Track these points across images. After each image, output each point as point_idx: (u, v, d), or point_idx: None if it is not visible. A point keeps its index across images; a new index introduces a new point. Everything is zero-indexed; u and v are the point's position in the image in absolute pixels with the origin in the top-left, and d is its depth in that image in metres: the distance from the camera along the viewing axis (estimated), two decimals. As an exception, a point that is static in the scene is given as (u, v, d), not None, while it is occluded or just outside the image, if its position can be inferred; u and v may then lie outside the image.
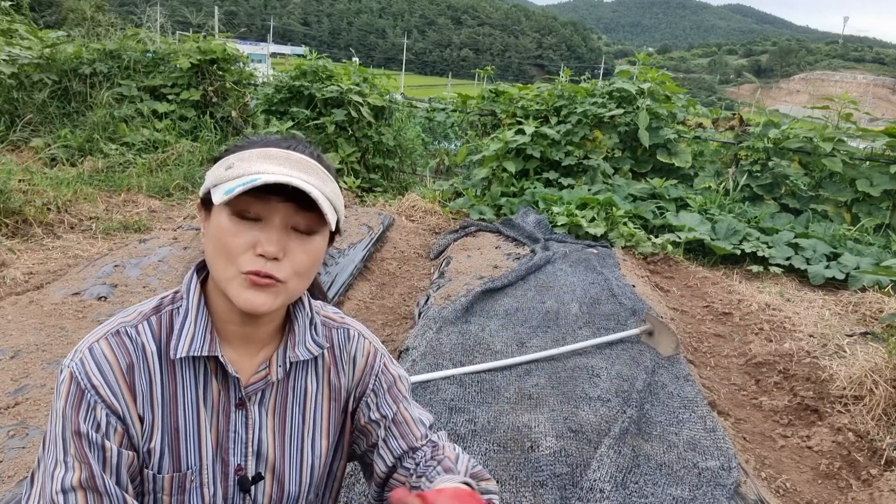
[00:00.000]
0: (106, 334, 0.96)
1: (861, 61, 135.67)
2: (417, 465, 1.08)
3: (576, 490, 2.04)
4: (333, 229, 0.94)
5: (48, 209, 4.87)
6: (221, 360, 0.97)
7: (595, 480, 2.04)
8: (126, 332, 0.96)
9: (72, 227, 4.84)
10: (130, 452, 0.94)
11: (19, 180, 5.01)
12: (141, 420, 0.95)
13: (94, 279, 3.72)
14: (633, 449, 2.27)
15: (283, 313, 1.04)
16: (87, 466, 0.89)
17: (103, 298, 3.48)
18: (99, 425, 0.91)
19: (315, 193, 0.88)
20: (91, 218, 5.03)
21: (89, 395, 0.91)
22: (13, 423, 2.31)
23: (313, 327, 1.06)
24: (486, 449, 2.24)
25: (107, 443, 0.91)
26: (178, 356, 0.95)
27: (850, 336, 3.75)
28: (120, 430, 0.93)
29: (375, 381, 1.12)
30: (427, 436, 1.12)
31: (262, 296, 0.91)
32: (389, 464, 1.09)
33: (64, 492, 0.88)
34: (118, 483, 0.92)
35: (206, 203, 0.95)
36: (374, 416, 1.11)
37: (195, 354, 0.95)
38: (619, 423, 2.39)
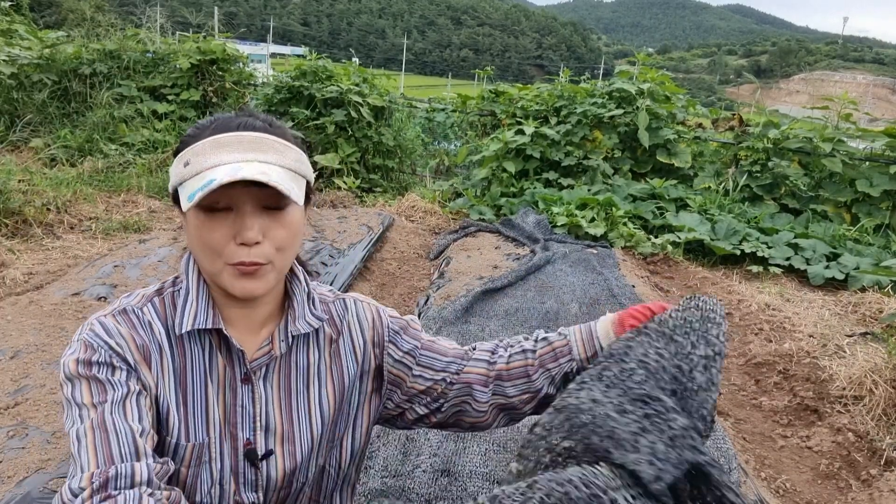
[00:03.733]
0: (112, 312, 0.97)
1: (861, 62, 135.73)
2: (494, 351, 1.15)
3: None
4: (302, 201, 0.94)
5: (48, 209, 4.87)
6: (225, 332, 0.98)
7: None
8: (133, 310, 0.98)
9: (71, 228, 4.84)
10: (149, 397, 0.94)
11: (19, 180, 5.01)
12: (156, 386, 0.96)
13: (93, 279, 3.72)
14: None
15: (280, 291, 1.05)
16: (100, 407, 0.88)
17: (103, 299, 3.48)
18: (114, 370, 0.91)
19: (272, 178, 0.87)
20: (91, 218, 5.03)
21: (101, 350, 0.92)
22: (13, 423, 2.31)
23: (311, 301, 1.07)
24: (486, 449, 2.24)
25: (129, 383, 0.91)
26: (183, 330, 0.96)
27: (850, 336, 3.75)
28: (137, 379, 0.93)
29: (388, 330, 1.14)
30: (466, 348, 1.18)
31: (255, 281, 0.94)
32: (448, 379, 1.13)
33: (78, 440, 0.87)
34: (140, 418, 0.89)
35: (178, 200, 0.96)
36: (399, 355, 1.13)
37: (200, 327, 0.96)
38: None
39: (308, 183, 1.00)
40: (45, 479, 1.98)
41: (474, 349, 1.17)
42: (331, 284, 3.97)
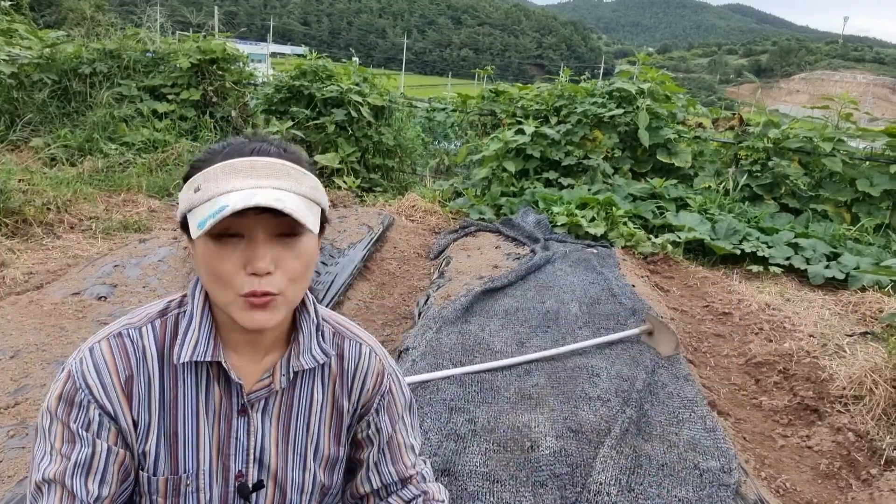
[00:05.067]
0: (108, 335, 0.96)
1: (861, 61, 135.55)
2: (408, 502, 1.14)
3: (582, 493, 2.04)
4: (317, 230, 0.91)
5: (48, 209, 4.87)
6: (224, 365, 0.96)
7: (601, 483, 2.04)
8: (129, 333, 0.96)
9: (72, 227, 4.84)
10: (122, 451, 0.94)
11: (19, 180, 5.01)
12: (135, 423, 0.95)
13: (93, 279, 3.72)
14: (633, 449, 2.27)
15: (288, 320, 1.02)
16: (66, 461, 0.89)
17: (103, 298, 3.48)
18: (90, 424, 0.91)
19: (288, 205, 0.84)
20: (91, 218, 5.03)
21: (82, 393, 0.91)
22: (13, 422, 2.31)
23: (320, 334, 1.04)
24: (486, 449, 2.24)
25: (97, 441, 0.91)
26: (181, 361, 0.94)
27: (850, 336, 3.74)
28: (113, 429, 0.93)
29: (380, 400, 1.12)
30: (415, 465, 1.16)
31: (265, 314, 0.90)
32: (375, 487, 1.13)
33: (46, 482, 0.88)
34: (102, 481, 0.91)
35: (186, 226, 0.92)
36: (370, 432, 1.12)
37: (198, 360, 0.95)
38: (619, 424, 2.39)
39: (323, 211, 0.96)
40: (45, 478, 1.98)
41: (400, 489, 1.16)
42: (331, 284, 3.97)
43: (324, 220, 0.98)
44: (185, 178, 0.93)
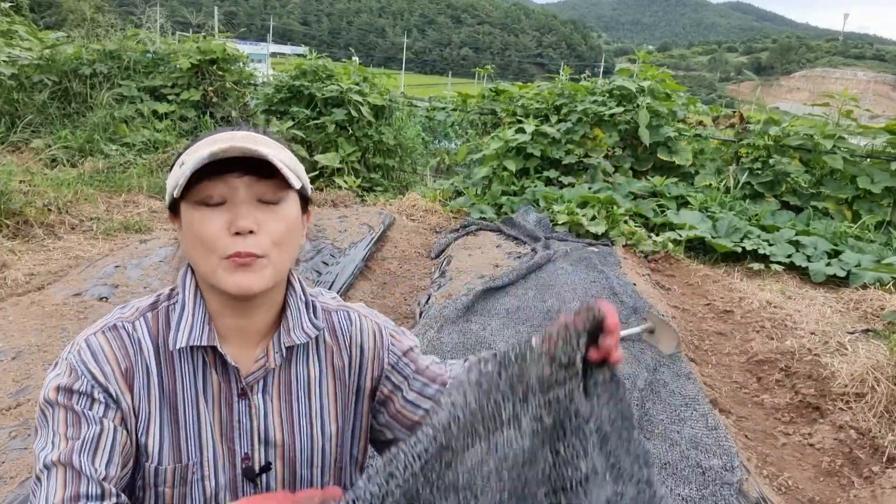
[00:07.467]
0: (103, 328, 0.96)
1: (861, 58, 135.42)
2: None
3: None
4: (297, 187, 0.92)
5: (49, 210, 4.87)
6: (220, 349, 0.96)
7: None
8: (123, 326, 0.96)
9: (73, 228, 4.84)
10: (126, 434, 0.93)
11: (20, 181, 5.01)
12: (136, 414, 0.95)
13: (95, 280, 3.72)
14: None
15: (278, 302, 1.03)
16: (72, 442, 0.88)
17: (104, 299, 3.48)
18: (94, 404, 0.91)
19: (269, 154, 0.87)
20: (92, 218, 5.04)
21: (84, 379, 0.91)
22: (15, 423, 2.32)
23: (310, 310, 1.05)
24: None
25: (104, 420, 0.91)
26: (177, 347, 0.95)
27: (852, 333, 3.74)
28: (118, 412, 0.93)
29: (389, 354, 1.11)
30: (445, 369, 1.14)
31: (250, 275, 0.91)
32: (427, 407, 1.10)
33: (47, 468, 0.87)
34: (109, 461, 0.90)
35: (175, 209, 0.95)
36: (397, 380, 1.11)
37: (194, 344, 0.95)
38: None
39: (303, 186, 0.98)
40: (47, 479, 1.99)
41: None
42: (332, 284, 3.97)
43: (307, 201, 1.01)
44: (172, 166, 0.96)
